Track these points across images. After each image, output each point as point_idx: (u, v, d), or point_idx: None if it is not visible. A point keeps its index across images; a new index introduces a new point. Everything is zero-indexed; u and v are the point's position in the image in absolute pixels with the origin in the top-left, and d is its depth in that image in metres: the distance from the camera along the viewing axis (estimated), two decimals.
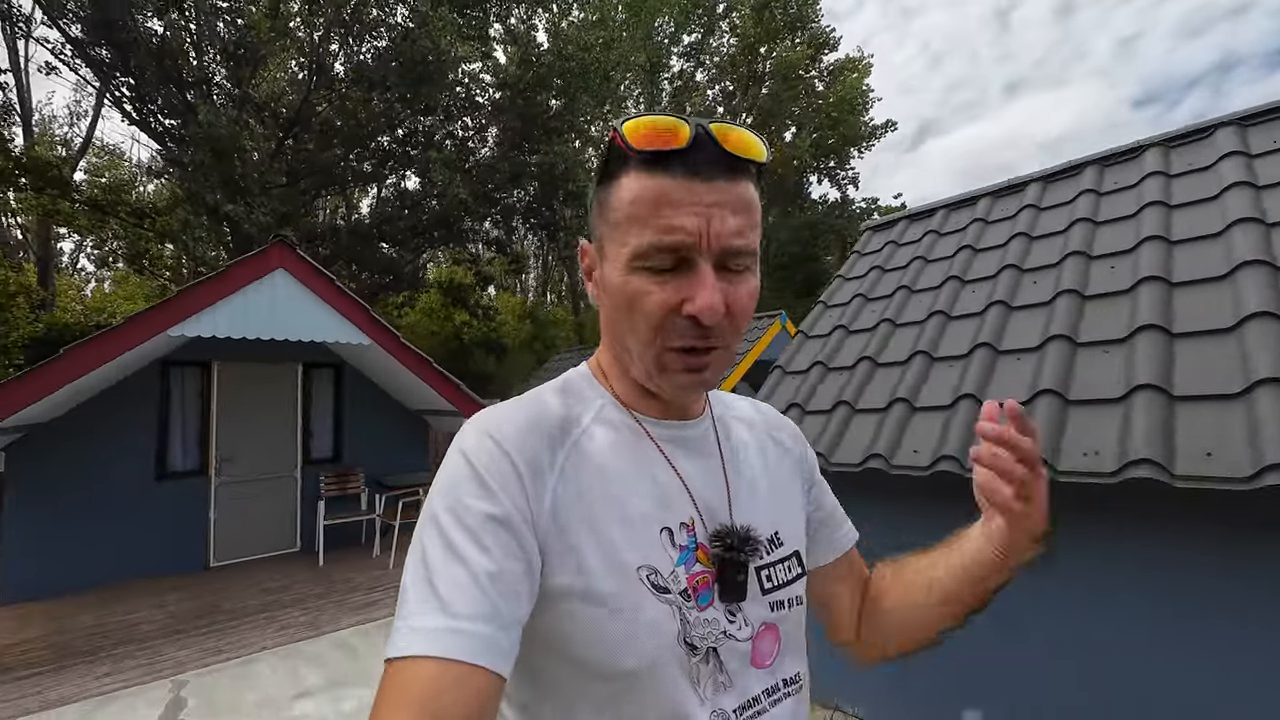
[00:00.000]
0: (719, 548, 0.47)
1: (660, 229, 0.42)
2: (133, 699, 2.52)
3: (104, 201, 12.21)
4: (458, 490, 0.42)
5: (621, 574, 0.43)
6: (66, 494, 3.97)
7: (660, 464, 0.49)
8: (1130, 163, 2.45)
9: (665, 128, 0.42)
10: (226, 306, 3.49)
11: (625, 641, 0.42)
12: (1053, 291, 2.03)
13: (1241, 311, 1.55)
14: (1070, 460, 1.52)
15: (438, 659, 0.34)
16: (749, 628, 0.47)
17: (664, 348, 0.45)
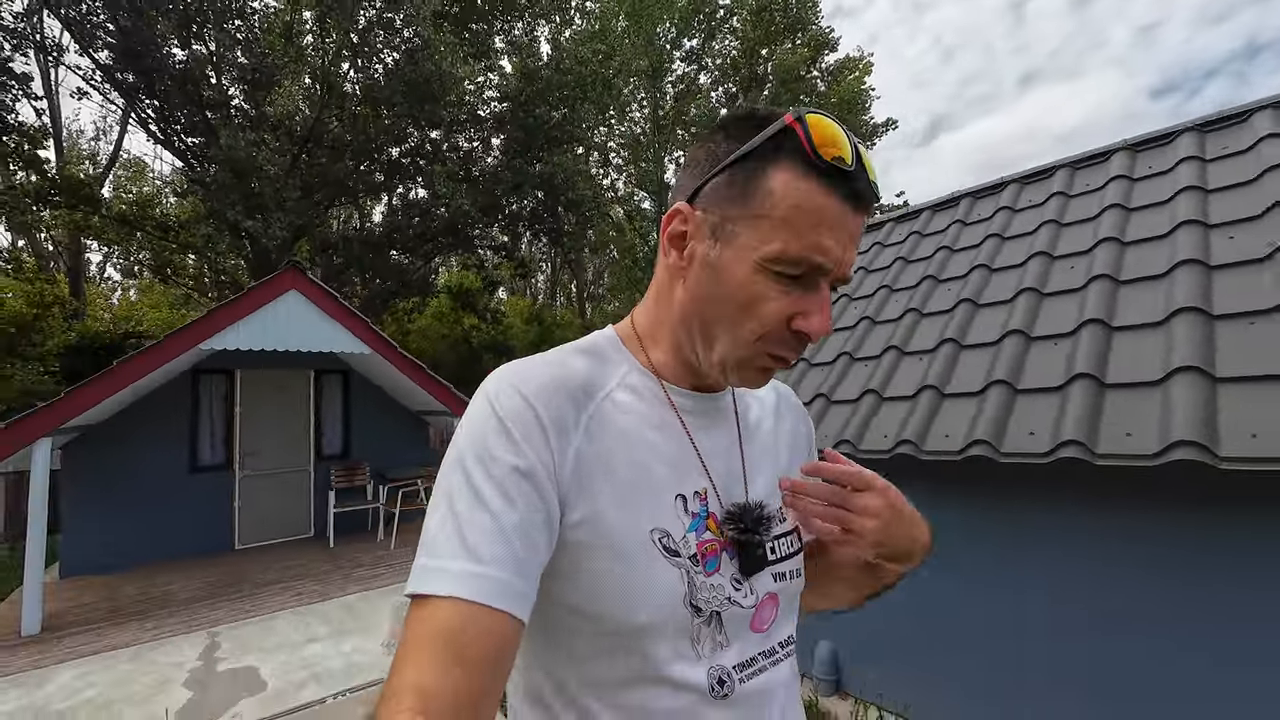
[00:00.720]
0: (733, 530, 0.49)
1: (813, 246, 0.42)
2: (178, 644, 3.13)
3: (131, 217, 13.03)
4: (485, 440, 0.43)
5: (636, 534, 0.45)
6: (114, 486, 4.64)
7: (680, 433, 0.50)
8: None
9: (843, 143, 0.42)
10: (247, 323, 4.12)
11: (636, 597, 0.44)
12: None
13: (1172, 307, 1.72)
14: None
15: (462, 600, 0.36)
16: (754, 596, 0.49)
17: (761, 351, 0.46)
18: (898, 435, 1.99)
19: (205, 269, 14.42)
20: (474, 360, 18.38)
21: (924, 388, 2.08)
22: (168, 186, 18.33)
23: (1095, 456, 1.55)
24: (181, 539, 4.90)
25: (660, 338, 0.52)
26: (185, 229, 12.73)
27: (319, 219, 13.56)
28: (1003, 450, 1.72)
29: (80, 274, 18.95)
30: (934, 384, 2.07)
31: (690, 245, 0.47)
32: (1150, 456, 1.46)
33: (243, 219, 9.82)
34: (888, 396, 2.21)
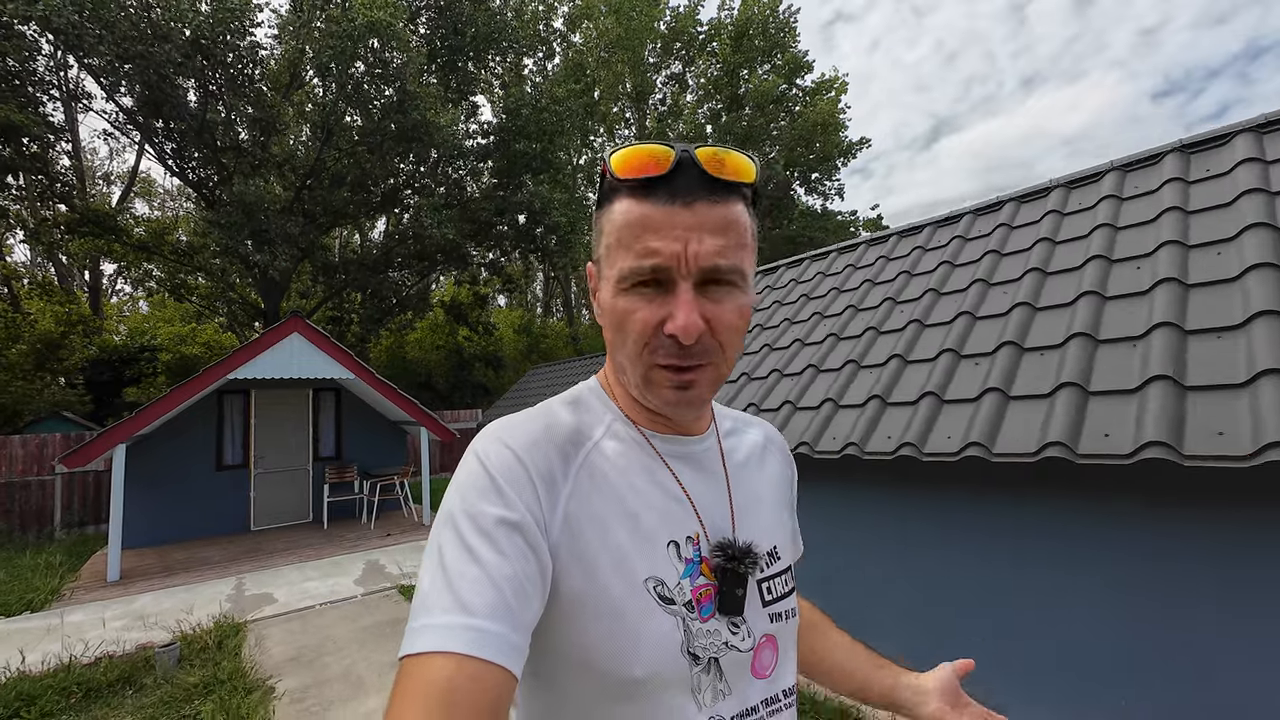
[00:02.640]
0: (720, 557, 0.49)
1: (640, 253, 0.44)
2: (215, 584, 4.65)
3: (150, 243, 14.66)
4: (475, 496, 0.43)
5: (630, 584, 0.45)
6: (161, 479, 6.20)
7: (667, 479, 0.51)
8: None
9: (648, 155, 0.45)
10: (262, 359, 5.66)
11: (632, 650, 0.44)
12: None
13: (1153, 321, 1.91)
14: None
15: (453, 654, 0.35)
16: (751, 639, 0.50)
17: (651, 364, 0.47)
18: (901, 438, 2.24)
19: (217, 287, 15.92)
20: (466, 369, 20.03)
21: (925, 394, 2.30)
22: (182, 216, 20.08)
23: (1077, 456, 1.72)
24: (210, 521, 6.45)
25: (618, 388, 0.54)
26: (198, 253, 14.35)
27: (320, 244, 15.12)
28: (995, 451, 1.95)
29: (99, 291, 20.75)
30: (934, 390, 2.28)
31: (598, 295, 0.51)
32: (1125, 456, 1.62)
33: (251, 252, 11.41)
34: (891, 401, 2.43)
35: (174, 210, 22.51)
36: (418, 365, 20.39)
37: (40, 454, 7.17)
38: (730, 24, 22.72)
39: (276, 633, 3.57)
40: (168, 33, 9.95)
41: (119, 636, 3.51)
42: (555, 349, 23.60)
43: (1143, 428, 1.65)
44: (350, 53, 11.39)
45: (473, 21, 13.83)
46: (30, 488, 7.08)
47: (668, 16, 22.60)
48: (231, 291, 15.82)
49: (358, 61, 11.88)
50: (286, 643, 3.41)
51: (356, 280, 15.44)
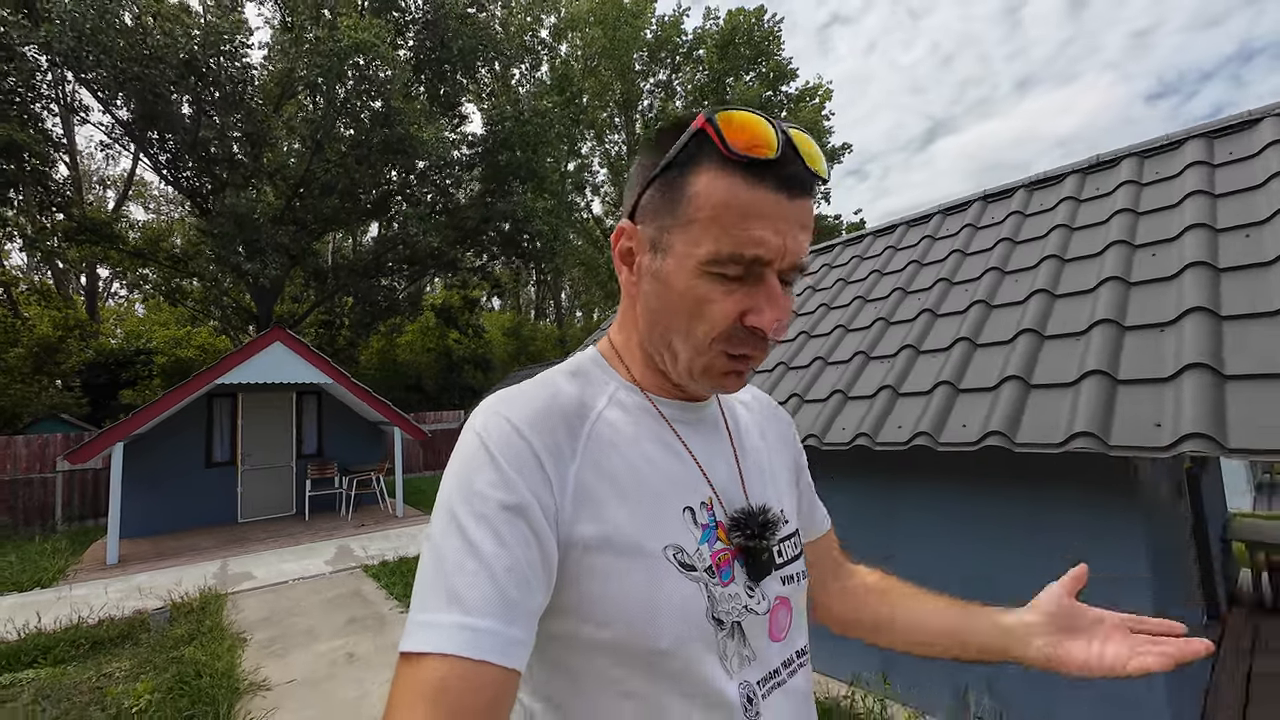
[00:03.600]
0: (740, 537, 0.49)
1: (744, 241, 0.42)
2: (203, 565, 5.28)
3: (145, 250, 15.22)
4: (473, 477, 0.42)
5: (649, 554, 0.44)
6: (156, 475, 6.82)
7: (676, 445, 0.50)
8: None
9: (762, 133, 0.42)
10: (247, 365, 6.29)
11: (657, 620, 0.43)
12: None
13: (1095, 317, 1.99)
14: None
15: (450, 656, 0.35)
16: (766, 601, 0.50)
17: (717, 353, 0.46)
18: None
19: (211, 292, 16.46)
20: (455, 371, 20.66)
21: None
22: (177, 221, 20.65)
23: (1015, 445, 1.83)
24: (200, 513, 7.08)
25: (634, 354, 0.53)
26: (192, 259, 14.93)
27: (311, 250, 15.70)
28: (940, 440, 2.05)
29: (96, 295, 21.33)
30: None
31: (637, 260, 0.48)
32: (1056, 445, 1.72)
33: (243, 261, 12.02)
34: (852, 395, 2.50)
35: (169, 214, 23.07)
36: (408, 367, 21.01)
37: (43, 453, 7.79)
38: (715, 34, 23.36)
39: (253, 601, 4.21)
40: (162, 55, 10.55)
41: (119, 604, 4.14)
42: (544, 351, 24.22)
43: (1076, 419, 1.77)
44: (337, 70, 12.02)
45: (459, 35, 14.46)
46: (33, 484, 7.69)
47: (654, 25, 23.20)
48: (225, 296, 16.38)
49: (345, 79, 12.50)
50: (260, 608, 4.04)
51: (347, 285, 16.03)
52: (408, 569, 4.73)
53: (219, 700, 2.59)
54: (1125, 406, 1.72)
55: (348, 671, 2.99)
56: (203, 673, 2.85)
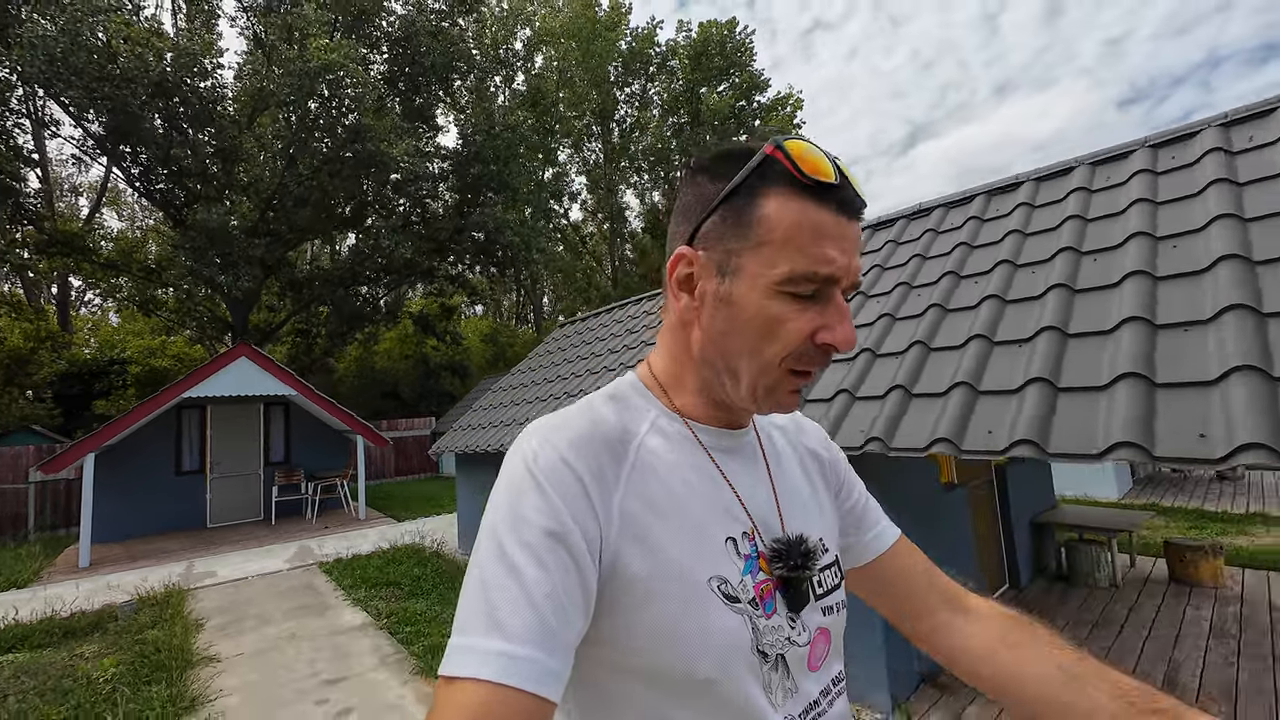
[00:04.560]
0: (782, 568, 0.49)
1: (818, 259, 0.44)
2: (170, 565, 5.73)
3: (119, 262, 15.40)
4: (518, 502, 0.42)
5: (694, 585, 0.44)
6: (127, 483, 7.23)
7: (715, 474, 0.51)
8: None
9: (823, 160, 0.45)
10: (215, 378, 6.74)
11: (700, 651, 0.43)
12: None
13: (1040, 324, 2.07)
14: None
15: (489, 682, 0.36)
16: (807, 633, 0.50)
17: (785, 372, 0.46)
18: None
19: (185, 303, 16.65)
20: (432, 378, 21.05)
21: (894, 387, 2.32)
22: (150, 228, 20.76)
23: (960, 451, 1.87)
24: (170, 519, 7.49)
25: (683, 380, 0.53)
26: (166, 270, 15.13)
27: (286, 260, 16.00)
28: (892, 446, 2.09)
29: (68, 305, 21.37)
30: (848, 388, 2.42)
31: (700, 286, 0.49)
32: (999, 451, 1.77)
33: (216, 274, 12.36)
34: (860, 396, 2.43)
35: (144, 221, 23.10)
36: (385, 375, 21.33)
37: (15, 464, 8.13)
38: (688, 45, 24.01)
39: (213, 595, 4.69)
40: (133, 76, 10.90)
41: (90, 599, 4.60)
42: (521, 357, 24.70)
43: (1017, 426, 1.84)
44: (308, 89, 12.45)
45: (432, 50, 14.90)
46: (5, 495, 8.03)
47: (628, 37, 23.78)
48: (200, 307, 16.58)
49: (316, 97, 12.93)
50: (219, 600, 4.53)
51: (322, 295, 16.34)
52: (359, 564, 5.23)
53: (173, 669, 3.09)
54: (1063, 413, 1.78)
55: (289, 646, 3.51)
56: (161, 649, 3.35)
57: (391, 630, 3.61)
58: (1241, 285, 1.76)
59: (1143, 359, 1.76)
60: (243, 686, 2.99)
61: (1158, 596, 3.44)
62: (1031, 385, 1.91)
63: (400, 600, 4.14)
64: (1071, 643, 0.54)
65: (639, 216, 26.67)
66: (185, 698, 2.80)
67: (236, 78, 13.54)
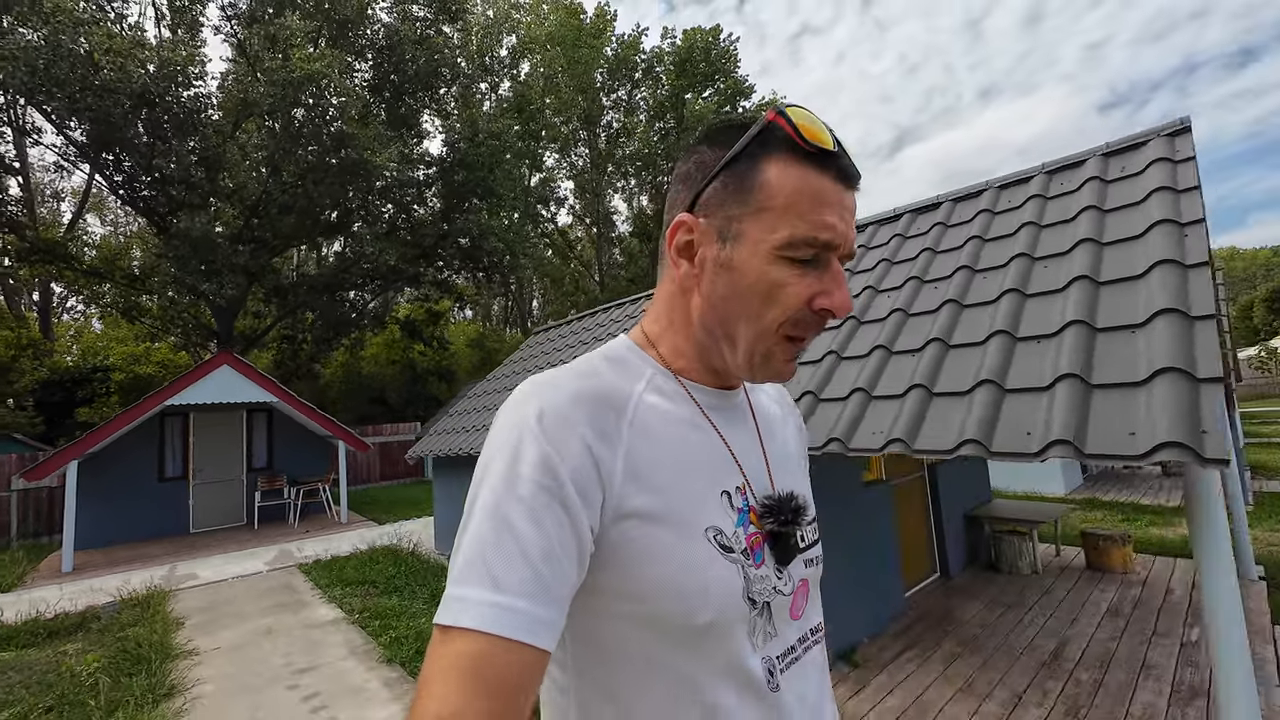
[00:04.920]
0: (772, 522, 0.52)
1: (818, 225, 0.45)
2: (152, 569, 5.89)
3: (102, 269, 15.40)
4: (514, 456, 0.43)
5: (692, 534, 0.47)
6: (109, 490, 7.36)
7: (709, 431, 0.53)
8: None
9: (822, 129, 0.46)
10: (196, 387, 6.91)
11: (700, 597, 0.45)
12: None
13: (991, 331, 2.13)
14: None
15: (484, 633, 0.37)
16: (791, 583, 0.53)
17: (781, 337, 0.48)
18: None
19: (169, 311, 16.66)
20: (419, 383, 21.18)
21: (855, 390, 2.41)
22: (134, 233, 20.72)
23: (912, 451, 1.98)
24: (153, 525, 7.63)
25: (678, 345, 0.54)
26: (150, 277, 15.15)
27: (271, 267, 16.07)
28: (851, 446, 2.20)
29: (49, 312, 21.26)
30: (864, 387, 2.41)
31: (699, 252, 0.50)
32: (947, 451, 1.88)
33: (199, 282, 12.45)
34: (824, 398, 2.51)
35: (128, 225, 23.00)
36: (372, 380, 21.40)
37: None
38: (672, 52, 24.36)
39: (194, 595, 4.87)
40: (116, 88, 11.01)
41: (73, 601, 4.77)
42: None
43: (966, 426, 1.92)
44: (291, 98, 12.61)
45: (417, 58, 15.09)
46: None
47: (614, 44, 24.07)
48: (185, 313, 16.59)
49: (299, 105, 13.09)
50: (199, 599, 4.72)
51: (307, 301, 16.43)
52: (337, 565, 5.43)
53: (153, 662, 3.30)
54: (1008, 414, 1.89)
55: (265, 640, 3.72)
56: (142, 644, 3.55)
57: (362, 625, 3.83)
58: (1175, 290, 1.91)
59: (1081, 361, 1.89)
60: (218, 676, 3.20)
61: (1072, 581, 3.75)
62: (981, 387, 2.03)
63: (373, 597, 4.36)
64: None
65: (626, 221, 26.96)
66: (164, 686, 3.01)
67: (220, 87, 13.65)
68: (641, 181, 26.10)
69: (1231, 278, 50.31)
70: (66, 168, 15.04)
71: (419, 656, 3.21)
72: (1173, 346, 1.76)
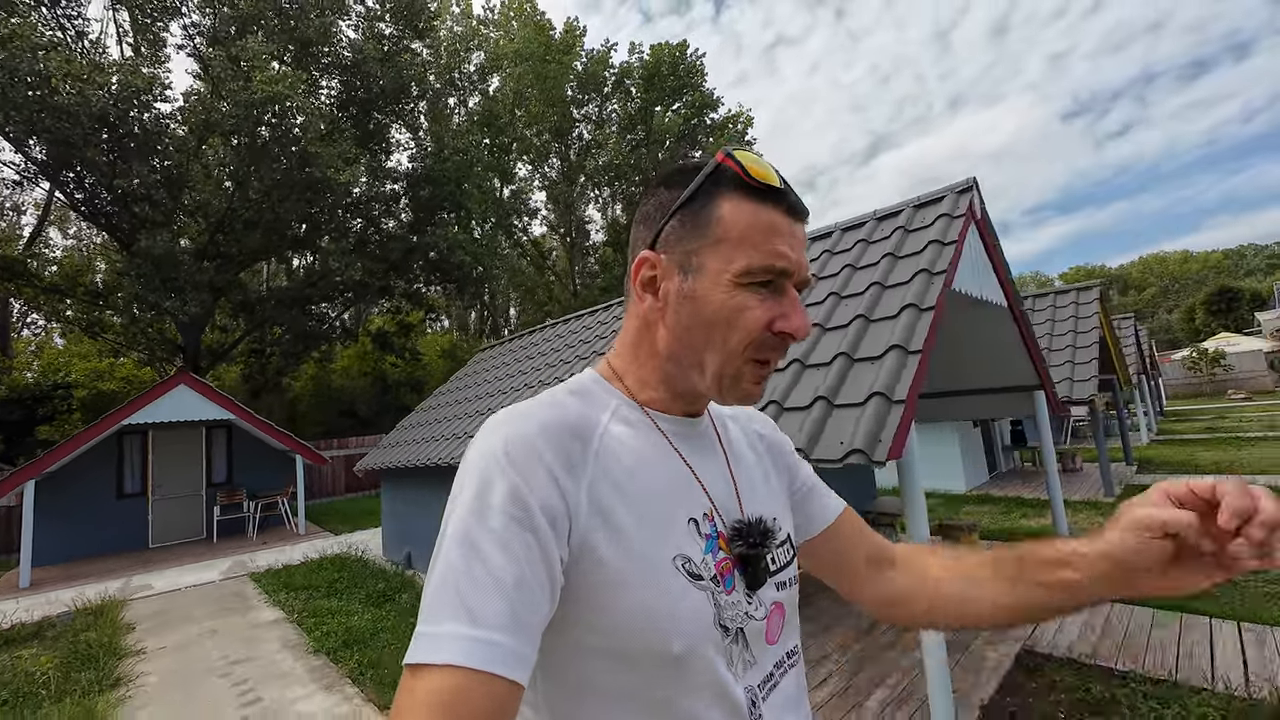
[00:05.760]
0: (741, 546, 0.53)
1: (772, 254, 0.49)
2: (108, 581, 6.20)
3: (63, 286, 15.36)
4: (484, 489, 0.44)
5: (659, 563, 0.47)
6: (68, 508, 7.61)
7: (675, 459, 0.54)
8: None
9: (768, 169, 0.50)
10: (155, 405, 7.23)
11: (669, 627, 0.46)
12: None
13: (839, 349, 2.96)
14: None
15: (459, 668, 0.37)
16: (763, 608, 0.53)
17: (746, 360, 0.51)
18: None
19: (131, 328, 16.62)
20: (389, 394, 21.34)
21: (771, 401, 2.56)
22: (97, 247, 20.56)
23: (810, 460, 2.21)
24: (112, 541, 7.89)
25: (644, 377, 0.56)
26: (113, 294, 15.13)
27: (236, 282, 16.17)
28: None
29: (8, 328, 20.97)
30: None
31: (662, 286, 0.53)
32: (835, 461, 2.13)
33: (162, 300, 12.60)
34: None
35: (91, 238, 22.75)
36: (342, 392, 21.47)
37: None
38: (640, 67, 25.00)
39: (148, 604, 5.22)
40: (74, 112, 11.19)
41: (29, 613, 5.08)
42: None
43: (800, 435, 2.30)
44: (255, 118, 12.89)
45: (383, 75, 15.41)
46: None
47: (584, 58, 24.61)
48: (149, 329, 16.55)
49: (262, 125, 13.36)
50: (152, 607, 5.08)
51: (274, 316, 16.55)
52: (288, 573, 5.81)
53: (102, 660, 3.69)
54: (830, 426, 2.28)
55: (209, 639, 4.12)
56: (93, 646, 3.93)
57: (299, 623, 4.25)
58: (906, 329, 2.45)
59: (834, 386, 2.43)
60: (161, 670, 3.61)
61: None
62: (818, 401, 2.42)
63: (315, 600, 4.77)
64: (975, 551, 0.61)
65: (601, 230, 27.46)
66: (110, 679, 3.41)
67: (181, 110, 13.84)
68: (615, 192, 26.63)
69: (1184, 280, 52.76)
70: (24, 185, 15.02)
71: (344, 647, 3.65)
72: (888, 376, 2.31)
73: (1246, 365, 21.85)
